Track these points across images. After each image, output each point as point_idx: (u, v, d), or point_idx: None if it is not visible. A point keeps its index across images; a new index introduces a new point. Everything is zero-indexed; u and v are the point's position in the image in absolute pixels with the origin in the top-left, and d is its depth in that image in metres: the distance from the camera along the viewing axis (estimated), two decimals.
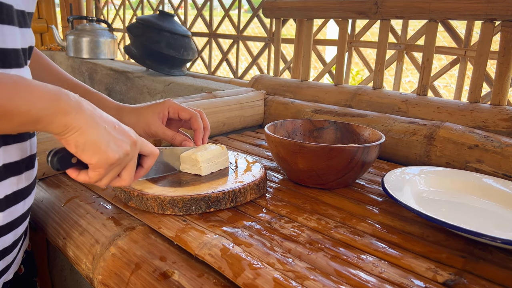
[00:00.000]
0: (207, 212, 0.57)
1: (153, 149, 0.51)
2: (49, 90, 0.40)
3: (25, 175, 0.50)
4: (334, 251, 0.48)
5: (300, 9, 1.17)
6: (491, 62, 0.92)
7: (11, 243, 0.50)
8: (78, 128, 0.41)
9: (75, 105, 0.41)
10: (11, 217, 0.48)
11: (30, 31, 0.49)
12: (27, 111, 0.38)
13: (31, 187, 0.52)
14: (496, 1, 0.82)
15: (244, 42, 1.59)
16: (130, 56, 1.59)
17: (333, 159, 0.62)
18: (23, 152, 0.49)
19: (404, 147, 0.85)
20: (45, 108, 0.39)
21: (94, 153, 0.43)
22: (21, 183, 0.49)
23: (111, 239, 0.53)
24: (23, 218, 0.51)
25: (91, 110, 0.43)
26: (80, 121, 0.41)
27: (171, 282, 0.45)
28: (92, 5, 2.41)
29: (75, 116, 0.41)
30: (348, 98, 1.07)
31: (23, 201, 0.50)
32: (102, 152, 0.43)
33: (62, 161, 0.44)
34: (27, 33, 0.48)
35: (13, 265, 0.54)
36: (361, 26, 1.23)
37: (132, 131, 0.48)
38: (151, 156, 0.51)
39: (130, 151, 0.46)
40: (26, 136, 0.49)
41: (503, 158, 0.72)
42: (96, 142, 0.42)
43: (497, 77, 0.87)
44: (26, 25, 0.48)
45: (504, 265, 0.47)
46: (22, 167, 0.49)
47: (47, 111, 0.39)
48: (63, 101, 0.40)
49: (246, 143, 0.97)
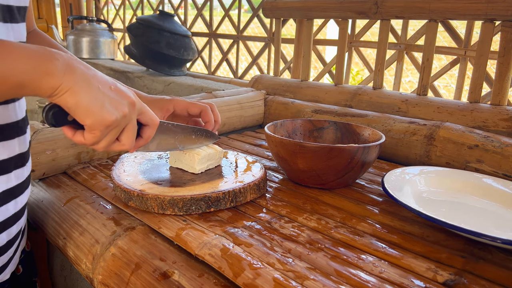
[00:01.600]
0: (207, 212, 0.57)
1: (153, 118, 0.48)
2: (33, 51, 0.37)
3: (15, 174, 0.49)
4: (334, 251, 0.48)
5: (300, 9, 1.17)
6: (491, 62, 0.92)
7: (5, 243, 0.49)
8: (67, 88, 0.39)
9: (63, 65, 0.39)
10: (2, 216, 0.48)
11: (20, 26, 0.48)
12: (8, 76, 0.36)
13: (23, 186, 0.52)
14: (496, 1, 0.82)
15: (244, 42, 1.59)
16: (130, 56, 1.59)
17: (333, 159, 0.62)
18: (10, 150, 0.48)
19: (404, 147, 0.85)
20: (29, 72, 0.37)
21: (87, 115, 0.40)
22: (11, 181, 0.48)
23: (111, 239, 0.53)
24: (16, 217, 0.51)
25: (83, 69, 0.40)
26: (69, 82, 0.39)
27: (171, 282, 0.45)
28: (92, 5, 2.41)
29: (63, 77, 0.38)
30: (348, 98, 1.07)
31: (14, 200, 0.49)
32: (97, 113, 0.41)
33: (57, 117, 0.42)
34: (14, 29, 0.46)
35: (10, 265, 0.53)
36: (361, 26, 1.23)
37: (131, 93, 0.45)
38: (151, 125, 0.49)
39: (127, 113, 0.43)
40: (13, 134, 0.49)
41: (503, 158, 0.72)
42: (89, 102, 0.40)
43: (497, 77, 0.87)
44: (14, 20, 0.46)
45: (504, 265, 0.47)
46: (10, 166, 0.48)
47: (31, 75, 0.37)
48: (49, 62, 0.38)
49: (246, 143, 0.97)
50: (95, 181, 0.69)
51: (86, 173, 0.72)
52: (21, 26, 0.49)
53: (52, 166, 0.73)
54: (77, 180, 0.71)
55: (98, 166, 0.76)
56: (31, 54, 0.37)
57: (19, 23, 0.48)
